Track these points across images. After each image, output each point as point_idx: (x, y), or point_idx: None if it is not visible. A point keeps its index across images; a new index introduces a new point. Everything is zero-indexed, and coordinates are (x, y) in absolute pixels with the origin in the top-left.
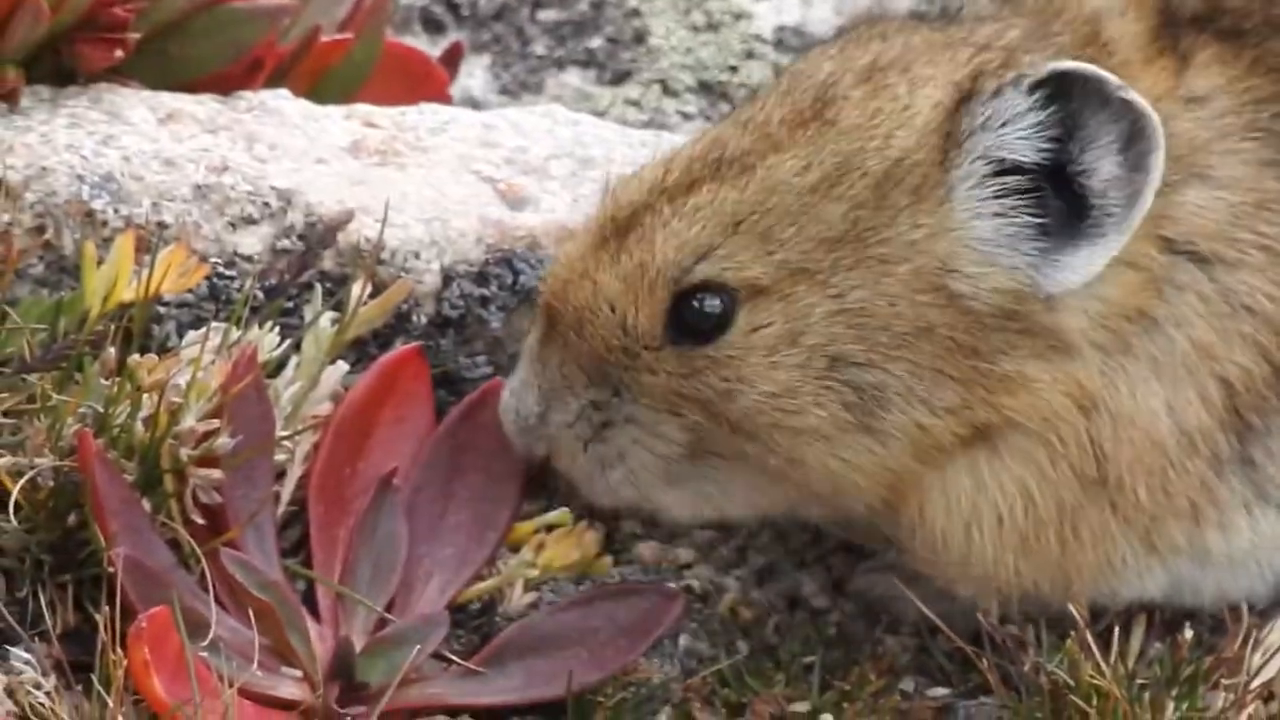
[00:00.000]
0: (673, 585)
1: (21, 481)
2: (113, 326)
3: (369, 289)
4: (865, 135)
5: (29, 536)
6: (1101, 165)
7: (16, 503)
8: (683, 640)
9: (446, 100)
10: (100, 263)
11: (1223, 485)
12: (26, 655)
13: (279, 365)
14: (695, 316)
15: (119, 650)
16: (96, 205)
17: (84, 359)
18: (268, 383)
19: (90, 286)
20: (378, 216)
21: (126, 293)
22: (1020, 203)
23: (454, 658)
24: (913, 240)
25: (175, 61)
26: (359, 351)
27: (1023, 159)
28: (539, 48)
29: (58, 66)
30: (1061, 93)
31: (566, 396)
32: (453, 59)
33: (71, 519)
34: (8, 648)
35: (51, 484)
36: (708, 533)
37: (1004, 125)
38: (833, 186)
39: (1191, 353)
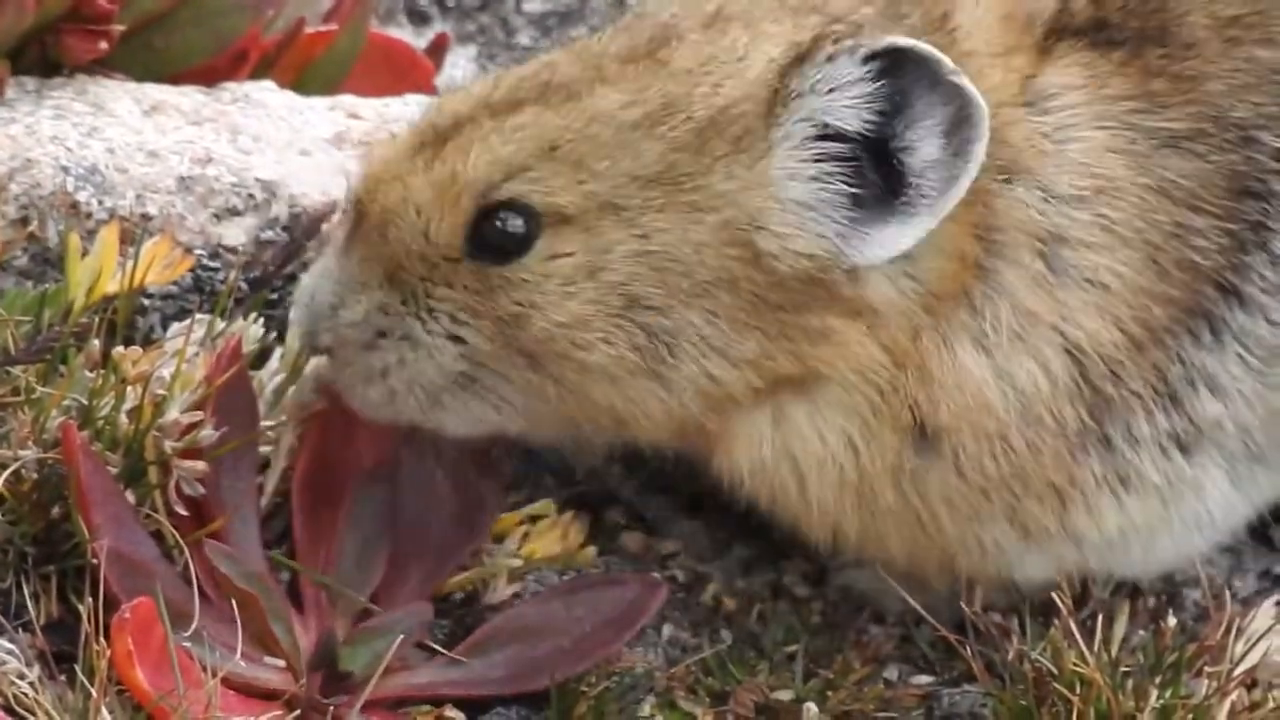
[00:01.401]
0: (656, 575)
1: (5, 473)
2: (97, 319)
3: None
4: (694, 80)
5: (12, 528)
6: (924, 145)
7: (0, 495)
8: (666, 630)
9: (432, 91)
10: (84, 255)
11: (1081, 466)
12: (10, 646)
13: (263, 357)
14: (496, 234)
15: (102, 641)
16: (81, 197)
17: (68, 351)
18: (252, 374)
19: (74, 278)
20: None
21: (111, 285)
22: (837, 170)
23: (438, 647)
24: (725, 191)
25: (160, 53)
26: None
27: (846, 127)
28: (524, 39)
29: (43, 58)
30: (895, 68)
31: (359, 295)
32: (438, 50)
33: (55, 511)
34: None
35: (35, 476)
36: (692, 523)
37: (832, 91)
38: (654, 126)
39: (1016, 321)
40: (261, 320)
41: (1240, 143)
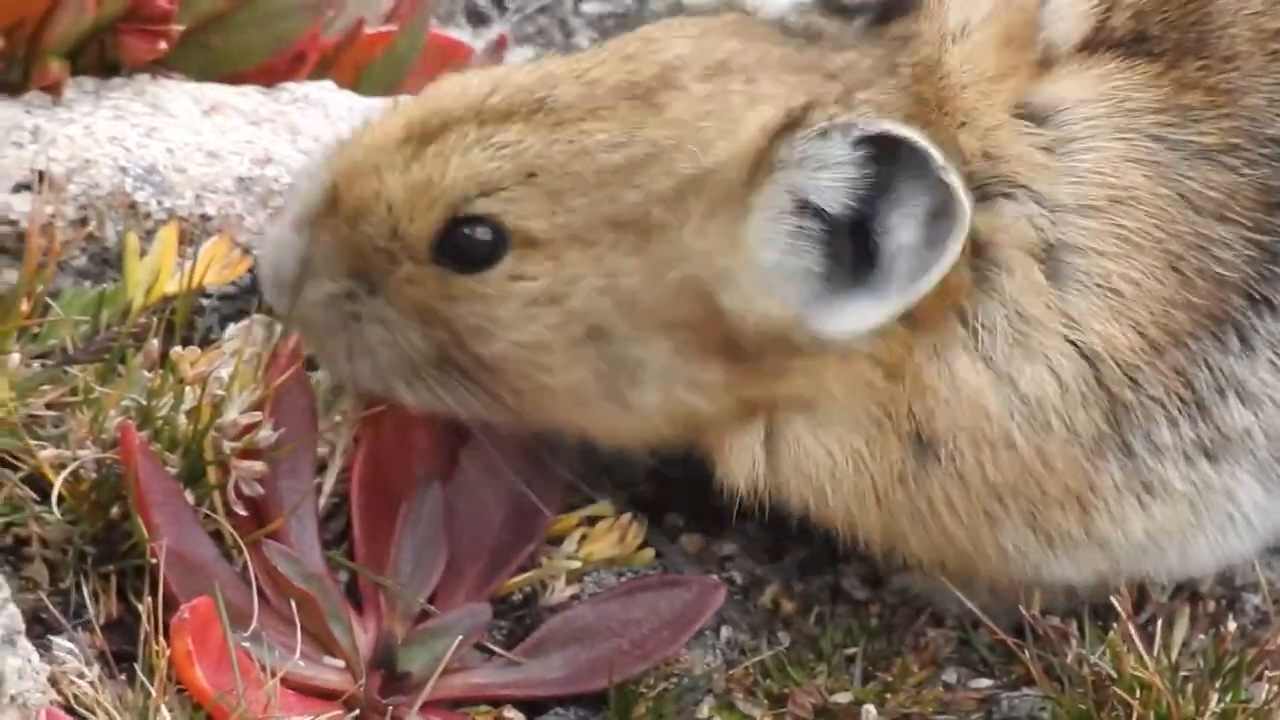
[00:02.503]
0: (715, 577)
1: (64, 473)
2: (155, 319)
3: None
4: (685, 135)
5: (72, 528)
6: (901, 231)
7: (59, 494)
8: (725, 631)
9: None
10: (143, 255)
11: (1100, 473)
12: (70, 645)
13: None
14: (464, 242)
15: (162, 640)
16: (139, 197)
17: (126, 351)
18: (310, 375)
19: (133, 278)
20: None
21: (169, 285)
22: (811, 245)
23: (496, 648)
24: (696, 248)
25: (219, 53)
26: None
27: (827, 207)
28: (582, 40)
29: (101, 58)
30: (885, 154)
31: (323, 277)
32: (497, 51)
33: (114, 511)
34: (51, 638)
35: (94, 476)
36: (750, 525)
37: (819, 169)
38: (635, 174)
39: (1014, 328)
40: None
41: (1276, 157)
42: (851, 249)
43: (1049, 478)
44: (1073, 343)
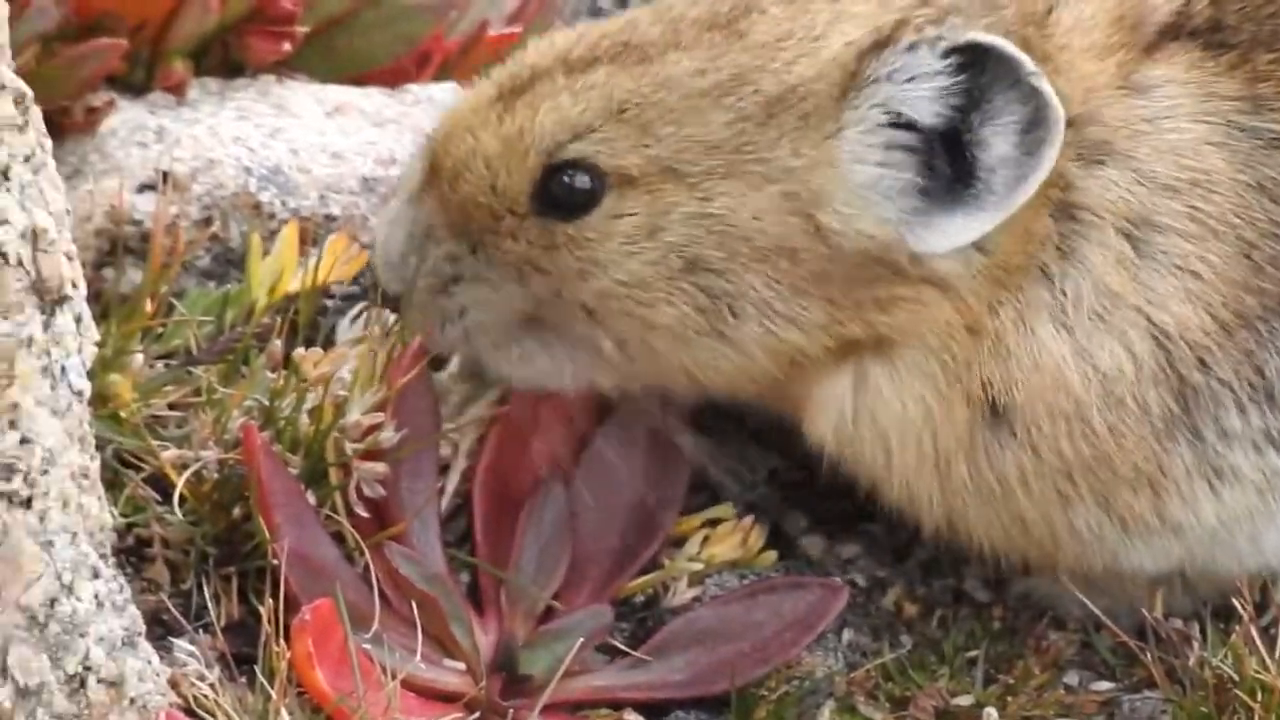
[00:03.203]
0: (837, 579)
1: (187, 474)
2: (279, 319)
3: None
4: (769, 54)
5: (194, 529)
6: (997, 142)
7: (181, 495)
8: (846, 634)
9: None
10: (266, 255)
11: (1170, 455)
12: (190, 647)
13: (444, 358)
14: (562, 190)
15: (282, 642)
16: (263, 198)
17: (250, 351)
18: (433, 375)
19: (256, 278)
20: None
21: (291, 284)
22: (906, 159)
23: (619, 648)
24: (790, 166)
25: (343, 55)
26: None
27: (919, 118)
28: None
29: (226, 59)
30: (975, 63)
31: (429, 243)
32: None
33: (236, 512)
34: (172, 640)
35: (216, 476)
36: (873, 527)
37: (910, 80)
38: (723, 95)
39: (1098, 301)
40: None
41: None
42: (948, 164)
43: (1121, 457)
44: (1149, 320)
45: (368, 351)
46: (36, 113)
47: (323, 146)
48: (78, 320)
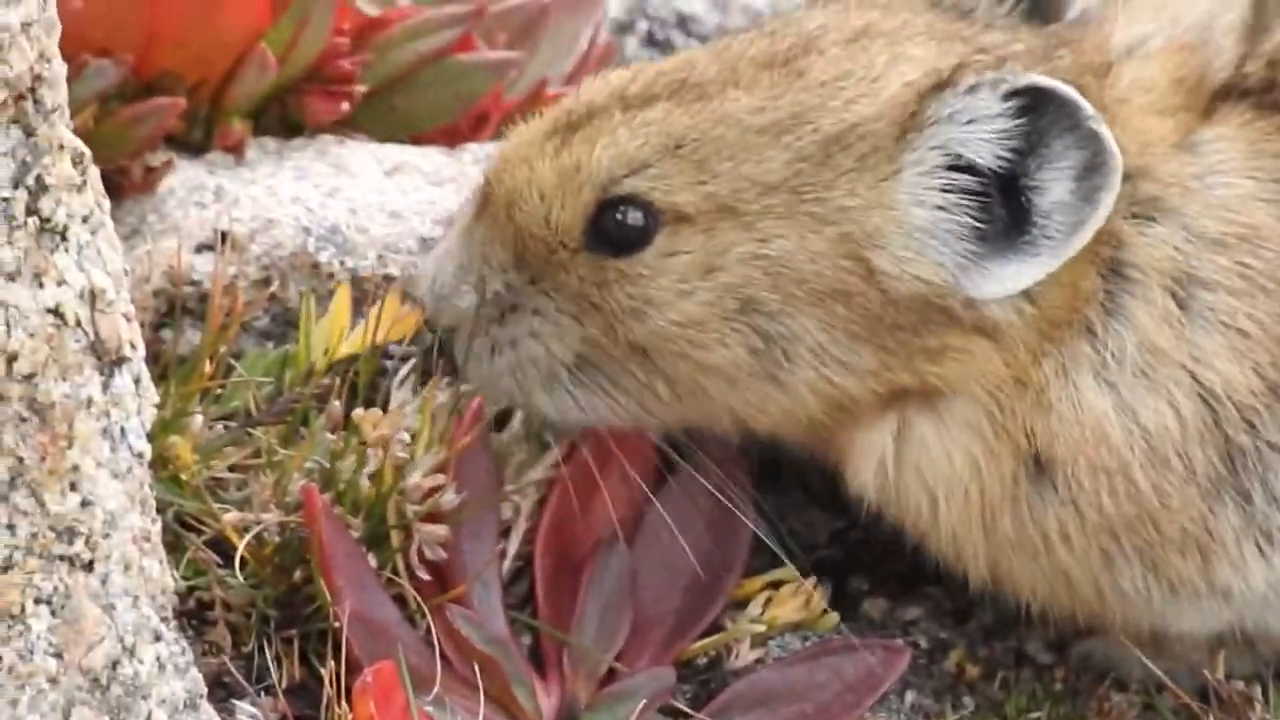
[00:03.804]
0: (899, 641)
1: (248, 537)
2: (338, 380)
3: None
4: (828, 93)
5: (255, 591)
6: (1054, 187)
7: (243, 558)
8: (909, 696)
9: None
10: (323, 315)
11: (1218, 517)
12: (253, 710)
13: (504, 419)
14: (615, 226)
15: (344, 705)
16: (322, 258)
17: (309, 413)
18: (493, 437)
19: (312, 340)
20: None
21: (346, 346)
22: (963, 202)
23: (681, 711)
24: (847, 207)
25: (401, 114)
26: None
27: (979, 160)
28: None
29: (284, 118)
30: (1034, 107)
31: (483, 274)
32: None
33: (297, 574)
34: (234, 702)
35: (277, 539)
36: (935, 589)
37: (970, 123)
38: (782, 134)
39: (1142, 357)
40: None
41: None
42: (1004, 209)
43: (1166, 517)
44: (1195, 379)
45: (428, 413)
46: (95, 172)
47: (381, 206)
48: (137, 381)
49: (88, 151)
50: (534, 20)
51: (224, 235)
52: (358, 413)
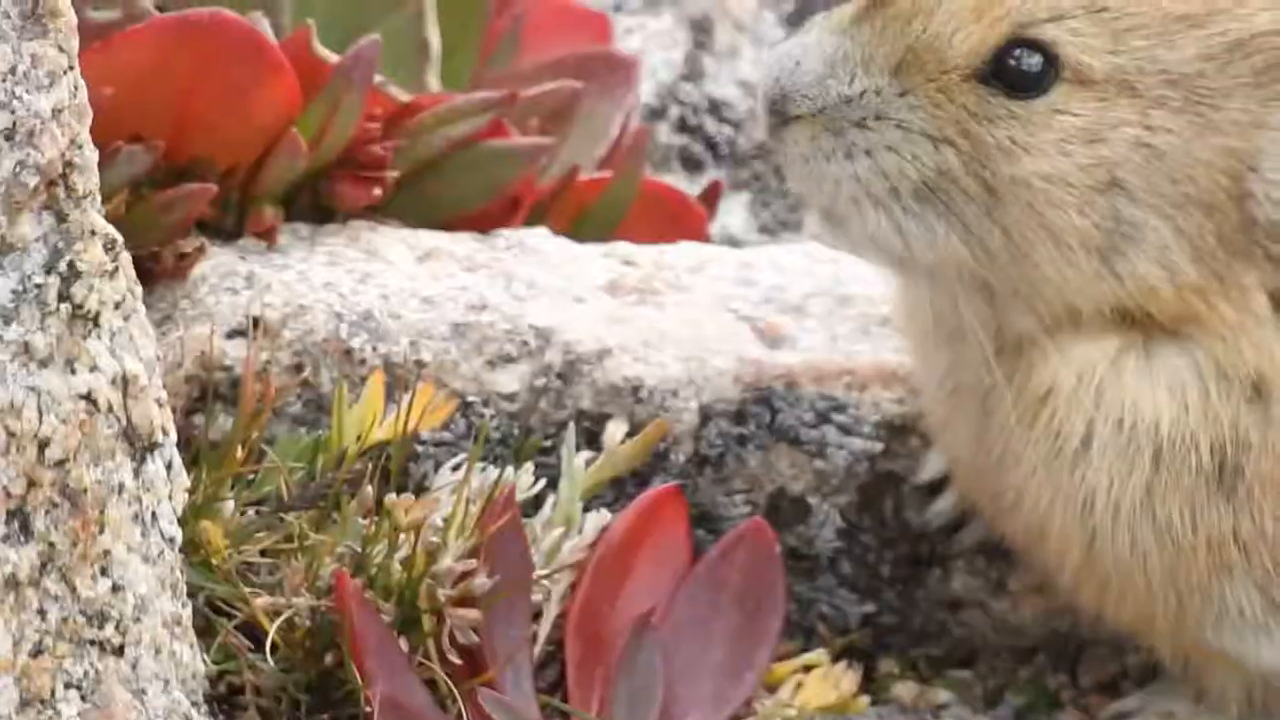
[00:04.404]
0: None
1: (279, 621)
2: (370, 465)
3: (627, 427)
4: (1235, 1)
5: (286, 676)
6: None
7: (274, 642)
8: None
9: (705, 238)
10: (356, 401)
11: None
12: None
13: (536, 504)
14: (1017, 66)
15: None
16: (354, 343)
17: (341, 498)
18: (525, 522)
19: (341, 425)
20: (635, 355)
21: (379, 431)
22: None
23: None
24: (1236, 120)
25: (433, 199)
26: (617, 490)
27: None
28: (789, 181)
29: (315, 204)
30: None
31: (859, 72)
32: (711, 197)
33: (328, 659)
34: None
35: (309, 624)
36: (965, 673)
37: None
38: (1195, 27)
39: None
40: (534, 467)
41: None
42: None
43: None
44: None
45: (461, 497)
46: (127, 258)
47: (413, 292)
48: (168, 467)
49: (119, 237)
50: (566, 106)
51: (256, 321)
52: (390, 498)
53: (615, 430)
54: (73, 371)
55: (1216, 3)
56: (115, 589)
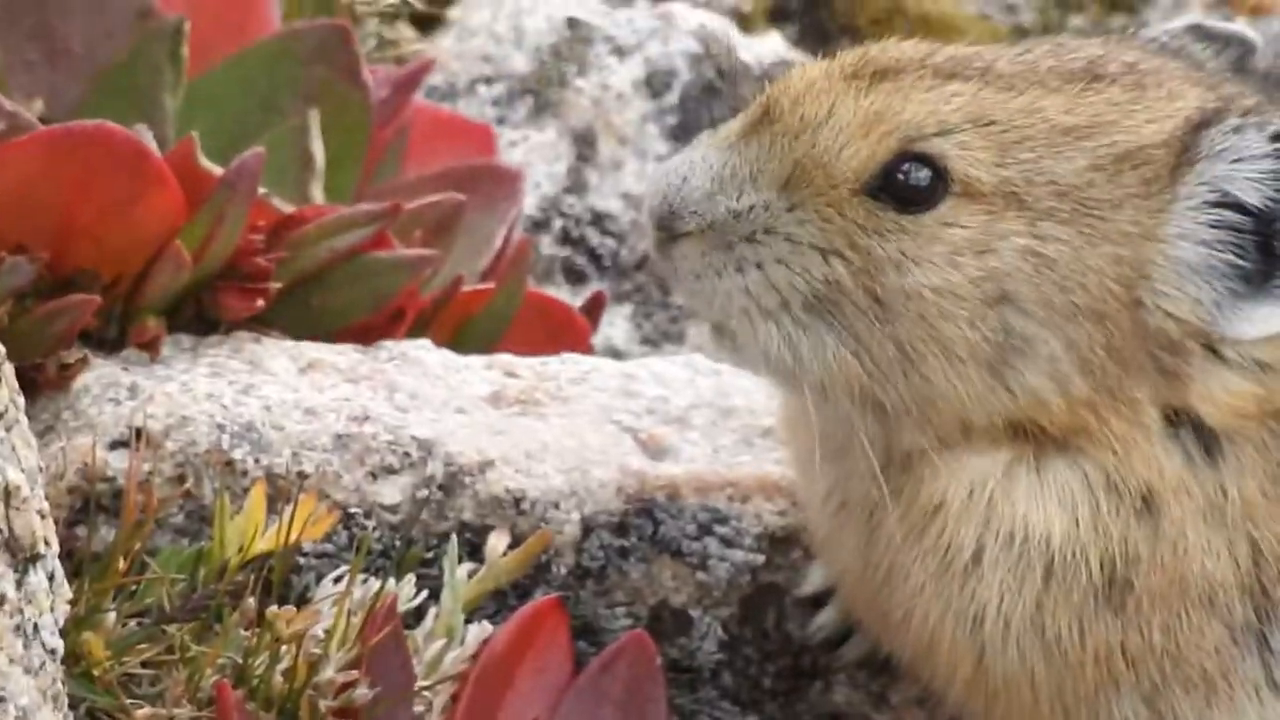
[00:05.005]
0: None
1: None
2: (252, 576)
3: (509, 539)
4: (1125, 112)
5: None
6: None
7: None
8: None
9: (588, 350)
10: (238, 513)
11: (1237, 661)
12: None
13: (418, 615)
14: (907, 179)
15: None
16: (237, 455)
17: (223, 609)
18: (407, 633)
19: (223, 537)
20: (518, 466)
21: (260, 543)
22: (1227, 240)
23: None
24: (1125, 231)
25: (316, 311)
26: (499, 601)
27: (1246, 199)
28: (678, 296)
29: (199, 315)
30: None
31: (747, 187)
32: (594, 308)
33: None
34: None
35: None
36: None
37: (1237, 161)
38: (1082, 139)
39: (1239, 505)
40: (416, 579)
41: None
42: (1259, 256)
43: (1195, 656)
44: (1254, 529)
45: (342, 609)
46: (9, 369)
47: (296, 403)
48: (50, 578)
49: (2, 348)
50: (449, 218)
51: (139, 432)
52: (271, 609)
53: (497, 542)
54: None
55: (1104, 115)
56: None
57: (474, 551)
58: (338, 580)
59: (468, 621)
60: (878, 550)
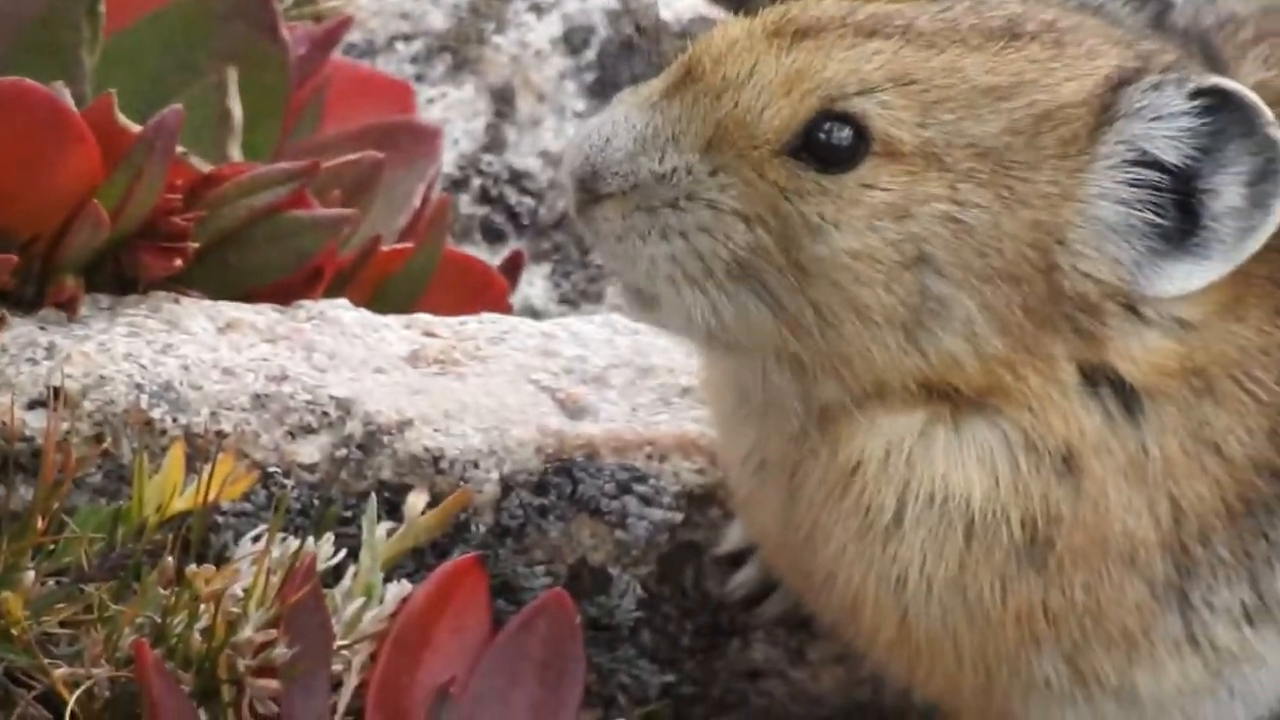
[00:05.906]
0: None
1: (78, 692)
2: (171, 536)
3: (428, 498)
4: (1045, 70)
5: None
6: (1227, 191)
7: (73, 713)
8: None
9: (506, 309)
10: (156, 472)
11: (1158, 620)
12: None
13: (337, 574)
14: (827, 139)
15: None
16: (155, 414)
17: (142, 568)
18: (325, 592)
19: (142, 496)
20: (437, 425)
21: (179, 502)
22: (1146, 199)
23: None
24: (1045, 193)
25: (235, 270)
26: (417, 560)
27: (1164, 158)
28: (599, 257)
29: (118, 275)
30: (1214, 109)
31: (669, 149)
32: (513, 268)
33: None
34: None
35: (108, 694)
36: None
37: (1156, 119)
38: (1003, 100)
39: (1160, 463)
40: (335, 538)
41: None
42: (1177, 213)
43: (1115, 613)
44: (1175, 488)
45: (261, 568)
46: None
47: (214, 363)
48: None
49: None
50: (367, 177)
51: (56, 391)
52: (190, 568)
53: (416, 501)
54: None
55: (1023, 74)
56: None
57: (393, 510)
58: (256, 539)
59: (386, 580)
60: (799, 510)
